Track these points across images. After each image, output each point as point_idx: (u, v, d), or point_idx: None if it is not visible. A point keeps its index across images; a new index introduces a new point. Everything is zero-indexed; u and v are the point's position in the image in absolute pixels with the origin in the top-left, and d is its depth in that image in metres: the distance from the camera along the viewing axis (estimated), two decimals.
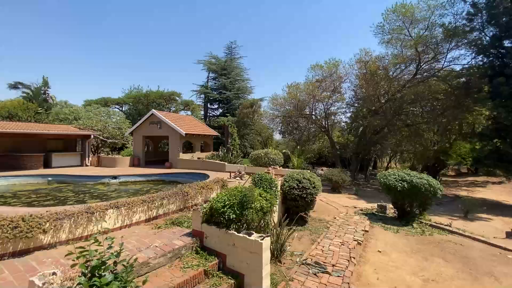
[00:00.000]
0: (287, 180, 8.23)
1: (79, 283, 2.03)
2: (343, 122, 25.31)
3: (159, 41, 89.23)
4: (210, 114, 33.23)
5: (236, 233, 4.12)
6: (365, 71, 19.67)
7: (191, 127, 19.17)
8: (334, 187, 15.42)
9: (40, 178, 13.08)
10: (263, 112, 26.45)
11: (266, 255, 3.96)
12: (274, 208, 5.39)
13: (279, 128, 26.13)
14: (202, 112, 32.95)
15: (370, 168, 25.29)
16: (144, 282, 2.42)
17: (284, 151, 19.13)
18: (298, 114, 22.51)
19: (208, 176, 12.31)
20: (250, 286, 3.97)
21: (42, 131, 15.39)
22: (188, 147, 20.24)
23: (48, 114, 20.78)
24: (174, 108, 32.33)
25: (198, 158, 17.05)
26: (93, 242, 2.19)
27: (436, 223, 8.74)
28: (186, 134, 16.91)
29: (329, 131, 22.46)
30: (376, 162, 31.64)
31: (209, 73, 32.80)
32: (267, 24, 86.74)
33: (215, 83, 32.47)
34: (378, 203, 10.96)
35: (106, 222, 4.75)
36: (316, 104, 22.86)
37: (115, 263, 2.31)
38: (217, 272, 4.09)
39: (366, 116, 19.99)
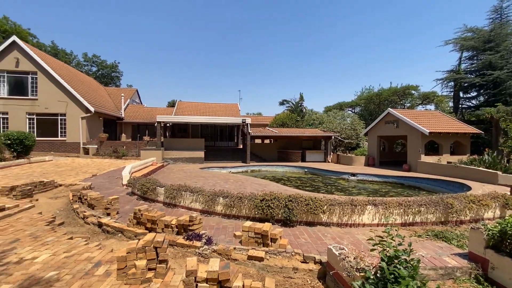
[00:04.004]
0: None
1: (380, 267, 2.38)
2: None
3: (392, 39, 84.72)
4: (464, 105, 25.53)
5: None
6: None
7: (436, 124, 15.99)
8: None
9: (299, 168, 17.54)
10: None
11: None
12: None
13: None
14: (451, 104, 26.15)
15: None
16: None
17: None
18: None
19: (468, 188, 9.57)
20: None
21: (300, 134, 20.63)
22: (430, 148, 17.06)
23: (303, 121, 27.34)
24: (409, 104, 28.85)
25: (448, 162, 13.78)
26: (388, 235, 2.46)
27: None
28: (430, 133, 14.40)
29: None
30: None
31: (462, 52, 25.29)
32: None
33: (472, 64, 24.39)
34: None
35: (365, 216, 5.26)
36: None
37: (406, 260, 2.44)
38: None
39: None
